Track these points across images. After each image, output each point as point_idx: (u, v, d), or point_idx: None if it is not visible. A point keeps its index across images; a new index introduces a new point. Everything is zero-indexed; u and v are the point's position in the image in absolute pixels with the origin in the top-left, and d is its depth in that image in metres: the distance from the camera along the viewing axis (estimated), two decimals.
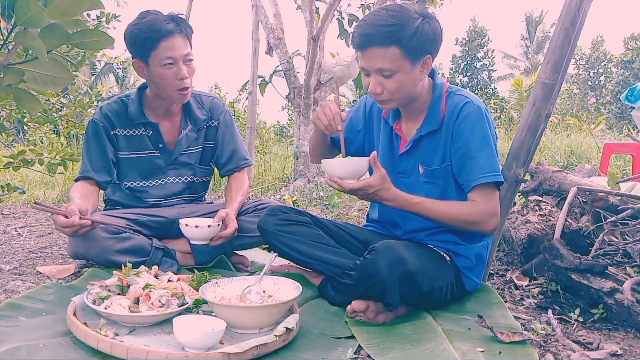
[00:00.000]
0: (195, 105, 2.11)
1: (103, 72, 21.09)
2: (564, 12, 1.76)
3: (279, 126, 16.57)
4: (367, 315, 1.56)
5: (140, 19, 1.88)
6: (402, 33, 1.50)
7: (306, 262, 1.79)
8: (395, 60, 1.53)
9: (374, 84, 1.59)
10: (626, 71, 18.67)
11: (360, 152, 1.90)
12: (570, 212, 2.14)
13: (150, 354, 1.20)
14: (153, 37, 1.83)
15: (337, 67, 4.95)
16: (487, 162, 1.60)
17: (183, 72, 1.89)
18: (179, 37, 1.87)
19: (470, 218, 1.61)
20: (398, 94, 1.59)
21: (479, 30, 25.96)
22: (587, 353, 1.34)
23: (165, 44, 1.84)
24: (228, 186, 2.16)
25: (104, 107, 2.03)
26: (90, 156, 1.98)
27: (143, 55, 1.88)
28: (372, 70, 1.58)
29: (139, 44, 1.86)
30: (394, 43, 1.51)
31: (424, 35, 1.53)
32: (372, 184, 1.53)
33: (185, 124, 2.09)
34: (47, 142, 7.59)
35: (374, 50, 1.54)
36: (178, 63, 1.88)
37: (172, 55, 1.86)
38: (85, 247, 1.86)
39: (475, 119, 1.62)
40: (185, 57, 1.89)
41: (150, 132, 2.05)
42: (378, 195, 1.57)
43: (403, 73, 1.56)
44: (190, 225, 1.81)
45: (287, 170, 5.88)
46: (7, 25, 1.25)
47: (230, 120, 2.20)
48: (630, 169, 4.64)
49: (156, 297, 1.44)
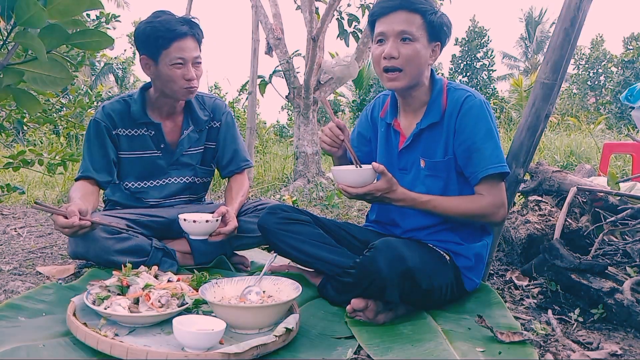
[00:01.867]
0: (197, 106, 2.13)
1: (103, 72, 21.08)
2: (564, 12, 1.77)
3: (278, 126, 16.57)
4: (366, 315, 1.56)
5: (154, 17, 1.92)
6: (427, 6, 1.62)
7: (306, 261, 1.79)
8: (418, 28, 1.62)
9: (391, 47, 1.63)
10: (627, 71, 18.65)
11: (373, 159, 1.91)
12: (570, 212, 2.14)
13: (150, 354, 1.19)
14: (167, 36, 1.87)
15: (337, 67, 4.95)
16: (493, 153, 1.62)
17: (191, 73, 1.93)
18: (191, 40, 1.92)
19: (479, 211, 1.64)
20: (411, 64, 1.63)
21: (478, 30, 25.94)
22: (587, 353, 1.34)
23: (177, 44, 1.89)
24: (228, 187, 2.17)
25: (107, 107, 2.04)
26: (91, 156, 1.99)
27: (153, 53, 1.91)
28: (392, 34, 1.62)
29: (151, 42, 1.89)
30: (419, 12, 1.62)
31: (443, 21, 1.65)
32: (379, 187, 1.57)
33: (187, 124, 2.11)
34: (47, 142, 7.59)
35: (401, 14, 1.62)
36: (187, 65, 1.92)
37: (182, 56, 1.90)
38: (85, 248, 1.86)
39: (478, 112, 1.65)
40: (194, 60, 1.94)
41: (152, 132, 2.06)
42: (387, 198, 1.60)
43: (420, 44, 1.63)
44: (189, 220, 1.82)
45: (287, 170, 5.88)
46: (6, 26, 1.25)
47: (232, 122, 2.22)
48: (630, 169, 4.64)
49: (156, 297, 1.44)
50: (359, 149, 1.90)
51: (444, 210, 1.64)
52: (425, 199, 1.64)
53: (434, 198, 1.64)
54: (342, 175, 1.59)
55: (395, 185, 1.59)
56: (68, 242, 1.97)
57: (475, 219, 1.67)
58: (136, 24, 18.06)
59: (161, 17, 1.90)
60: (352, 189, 1.57)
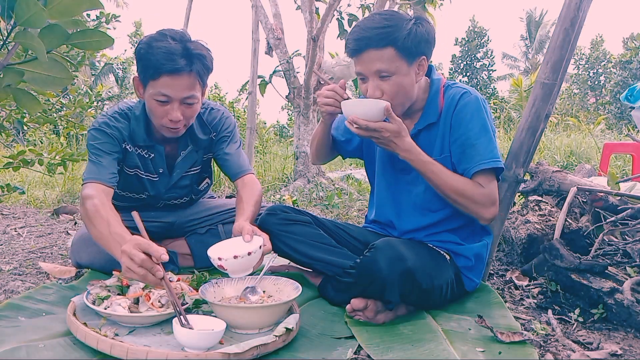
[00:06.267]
0: (197, 127, 1.92)
1: (103, 72, 21.09)
2: (564, 12, 1.77)
3: (278, 126, 16.58)
4: (366, 314, 1.56)
5: (156, 40, 1.66)
6: (396, 34, 1.53)
7: (306, 261, 1.79)
8: (392, 61, 1.55)
9: (372, 88, 1.59)
10: (624, 72, 18.65)
11: (357, 152, 1.92)
12: (570, 212, 2.14)
13: (150, 354, 1.19)
14: (157, 66, 1.62)
15: (337, 67, 4.96)
16: (487, 148, 1.61)
17: (175, 114, 1.68)
18: (186, 77, 1.65)
19: (472, 195, 1.60)
20: (398, 97, 1.60)
21: (478, 31, 25.97)
22: (587, 353, 1.34)
23: (166, 80, 1.63)
24: (238, 197, 1.87)
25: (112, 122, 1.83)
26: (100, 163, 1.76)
27: (143, 78, 1.70)
28: (369, 74, 1.59)
29: (143, 67, 1.67)
30: (389, 44, 1.54)
31: (418, 36, 1.55)
32: (388, 128, 1.53)
33: (186, 145, 1.93)
34: (47, 142, 7.59)
35: (371, 53, 1.56)
36: (173, 103, 1.68)
37: (167, 94, 1.65)
38: (89, 260, 1.85)
39: (473, 108, 1.64)
40: (184, 99, 1.68)
41: (152, 155, 1.90)
42: (394, 143, 1.56)
43: (400, 74, 1.57)
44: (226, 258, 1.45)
45: (287, 170, 5.88)
46: (7, 25, 1.25)
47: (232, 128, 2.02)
48: (630, 169, 4.64)
49: (156, 297, 1.44)
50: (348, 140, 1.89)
51: (441, 179, 1.60)
52: (428, 159, 1.60)
53: (437, 164, 1.61)
54: (351, 106, 1.55)
55: (404, 132, 1.56)
56: (70, 252, 1.96)
57: (465, 203, 1.61)
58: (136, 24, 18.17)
59: (162, 43, 1.63)
60: (361, 121, 1.51)
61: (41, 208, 3.85)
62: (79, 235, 1.95)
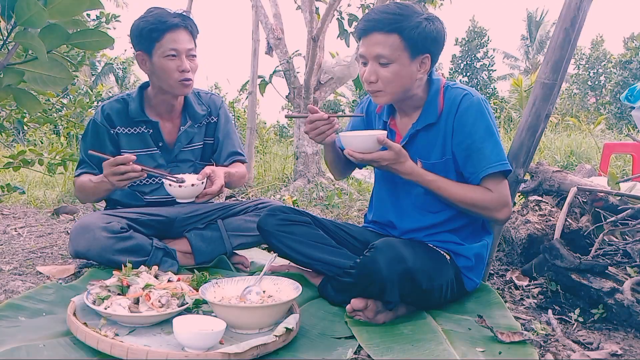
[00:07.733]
0: (194, 101, 2.13)
1: (103, 72, 21.10)
2: (564, 11, 1.77)
3: (279, 126, 16.55)
4: (366, 314, 1.56)
5: (147, 13, 1.94)
6: (405, 23, 1.54)
7: (306, 262, 1.79)
8: (395, 49, 1.56)
9: (369, 72, 1.61)
10: (625, 72, 18.63)
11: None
12: (570, 212, 2.14)
13: (150, 354, 1.20)
14: (159, 28, 1.88)
15: (337, 67, 4.95)
16: (493, 152, 1.60)
17: (185, 64, 1.92)
18: (184, 32, 1.92)
19: (482, 203, 1.61)
20: (391, 85, 1.60)
21: (478, 30, 25.97)
22: (587, 353, 1.34)
23: (169, 36, 1.89)
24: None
25: (105, 106, 2.06)
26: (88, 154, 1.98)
27: (147, 47, 1.92)
28: (370, 57, 1.60)
29: (145, 36, 1.90)
30: (396, 31, 1.55)
31: (426, 32, 1.56)
32: (385, 157, 1.55)
33: (185, 120, 2.11)
34: (47, 142, 7.59)
35: (376, 36, 1.57)
36: (181, 56, 1.92)
37: (175, 47, 1.90)
38: (85, 247, 1.86)
39: (476, 111, 1.63)
40: (188, 52, 1.93)
41: (150, 131, 2.07)
42: (393, 168, 1.59)
43: (400, 64, 1.58)
44: (174, 185, 1.80)
45: (287, 170, 5.88)
46: (7, 25, 1.25)
47: (228, 117, 2.21)
48: (630, 169, 4.64)
49: (156, 297, 1.44)
50: None
51: (448, 193, 1.61)
52: (431, 177, 1.61)
53: (440, 179, 1.62)
54: (346, 140, 1.60)
55: (403, 157, 1.57)
56: (68, 242, 1.97)
57: (477, 211, 1.63)
58: None
59: (153, 12, 1.93)
60: (357, 154, 1.55)
61: (41, 208, 3.85)
62: (77, 223, 1.98)
